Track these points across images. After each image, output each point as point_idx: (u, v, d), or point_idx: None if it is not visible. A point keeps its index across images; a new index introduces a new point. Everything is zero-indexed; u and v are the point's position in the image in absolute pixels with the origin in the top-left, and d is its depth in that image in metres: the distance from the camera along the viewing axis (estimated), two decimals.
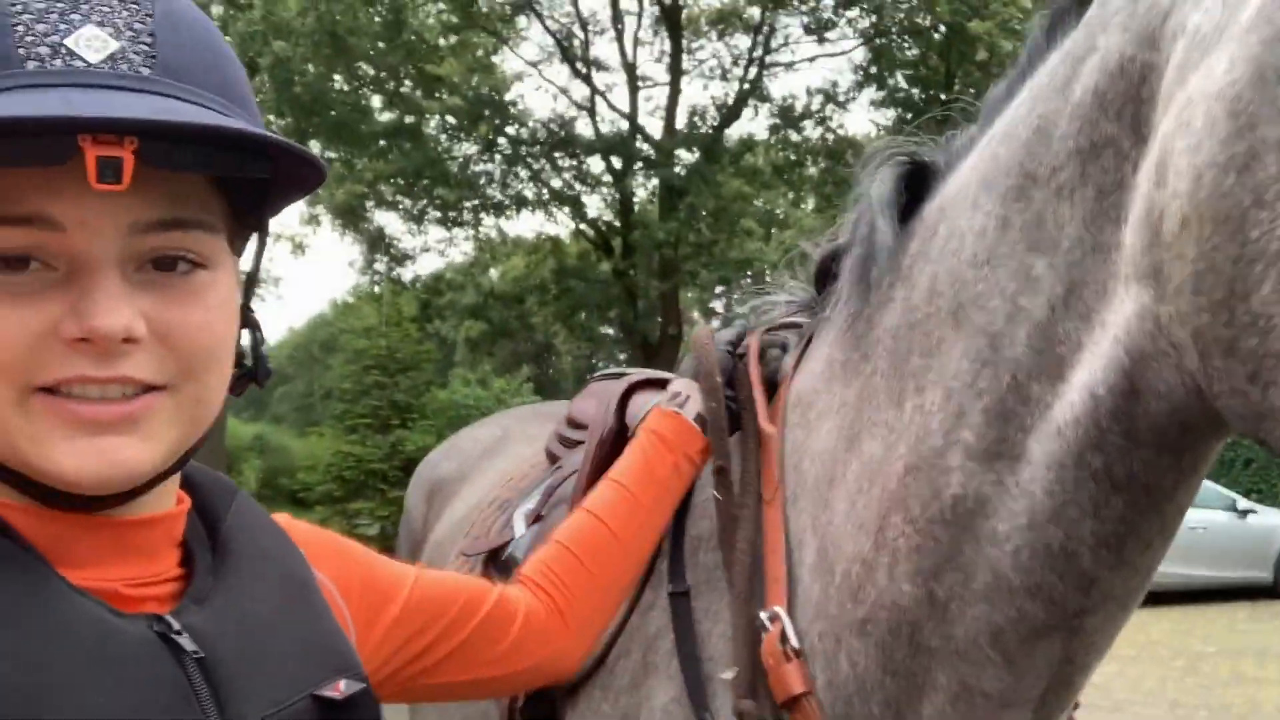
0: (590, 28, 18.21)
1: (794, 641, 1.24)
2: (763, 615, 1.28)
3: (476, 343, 22.33)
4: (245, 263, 0.93)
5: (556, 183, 18.43)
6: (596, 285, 18.68)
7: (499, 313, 20.62)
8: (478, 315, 21.01)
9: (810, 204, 22.77)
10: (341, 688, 0.84)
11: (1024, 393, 1.07)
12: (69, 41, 0.72)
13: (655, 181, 17.78)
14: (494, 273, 22.37)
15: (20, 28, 0.72)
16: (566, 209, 18.56)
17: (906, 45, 18.07)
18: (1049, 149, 1.07)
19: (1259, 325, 0.84)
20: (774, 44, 18.25)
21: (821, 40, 18.04)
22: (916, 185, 1.31)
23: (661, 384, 1.75)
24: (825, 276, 1.50)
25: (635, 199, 18.38)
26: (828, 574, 1.25)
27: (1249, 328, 0.85)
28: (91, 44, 0.73)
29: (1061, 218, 1.05)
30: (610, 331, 24.47)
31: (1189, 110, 0.90)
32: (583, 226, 19.01)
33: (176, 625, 0.78)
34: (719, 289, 26.89)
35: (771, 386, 1.48)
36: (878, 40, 17.86)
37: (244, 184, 0.80)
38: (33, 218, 0.72)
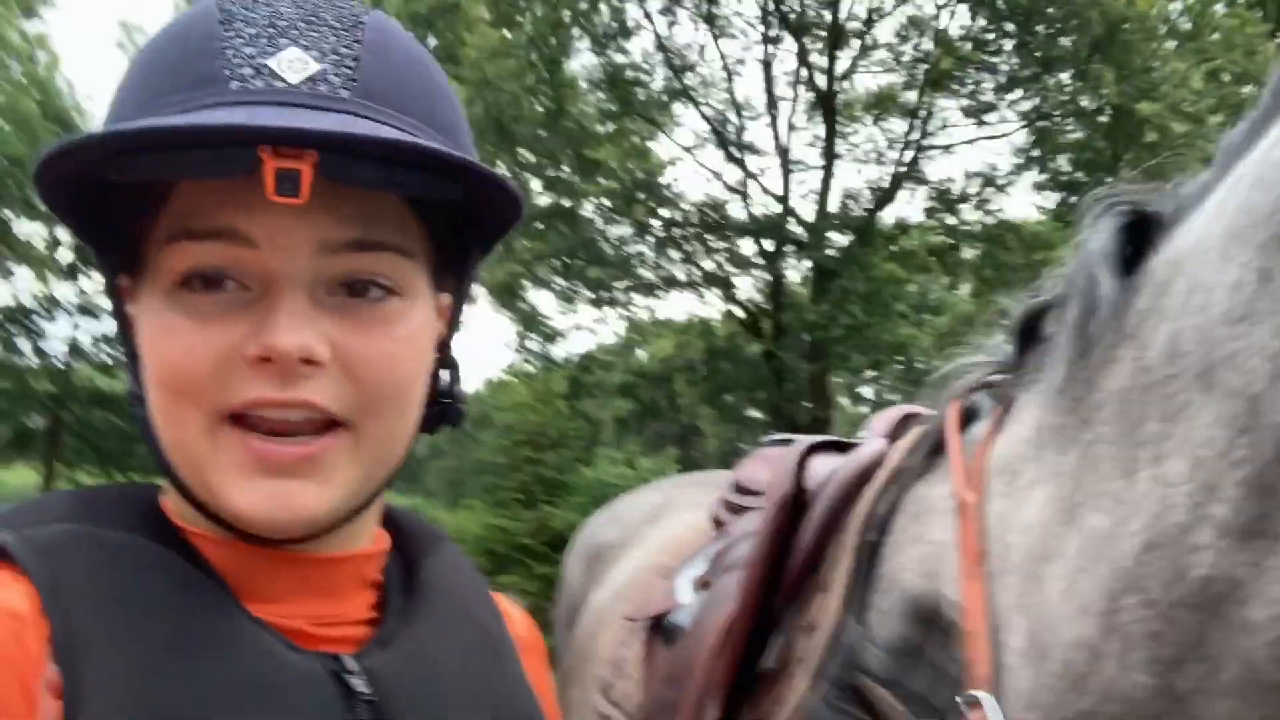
0: (745, 113, 18.42)
1: None
2: (958, 699, 1.17)
3: (624, 421, 22.46)
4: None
5: (708, 264, 18.55)
6: (745, 366, 18.60)
7: (647, 392, 20.73)
8: (626, 394, 21.17)
9: (967, 288, 22.21)
10: None
11: None
12: (271, 62, 0.73)
13: (807, 264, 17.69)
14: (642, 353, 22.58)
15: (229, 51, 0.73)
16: (717, 290, 18.63)
17: (1070, 128, 17.60)
18: None
19: None
20: (931, 127, 18.06)
21: (981, 123, 17.75)
22: (1140, 237, 1.21)
23: (841, 447, 1.67)
24: (1028, 336, 1.41)
25: (786, 280, 18.31)
26: (1041, 659, 1.14)
27: None
28: (293, 65, 0.73)
29: None
30: (757, 415, 24.27)
31: None
32: (732, 308, 19.03)
33: (353, 665, 0.76)
34: (869, 373, 26.40)
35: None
36: (1040, 123, 17.45)
37: (442, 211, 0.78)
38: (224, 232, 0.72)
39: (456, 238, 0.83)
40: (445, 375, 0.87)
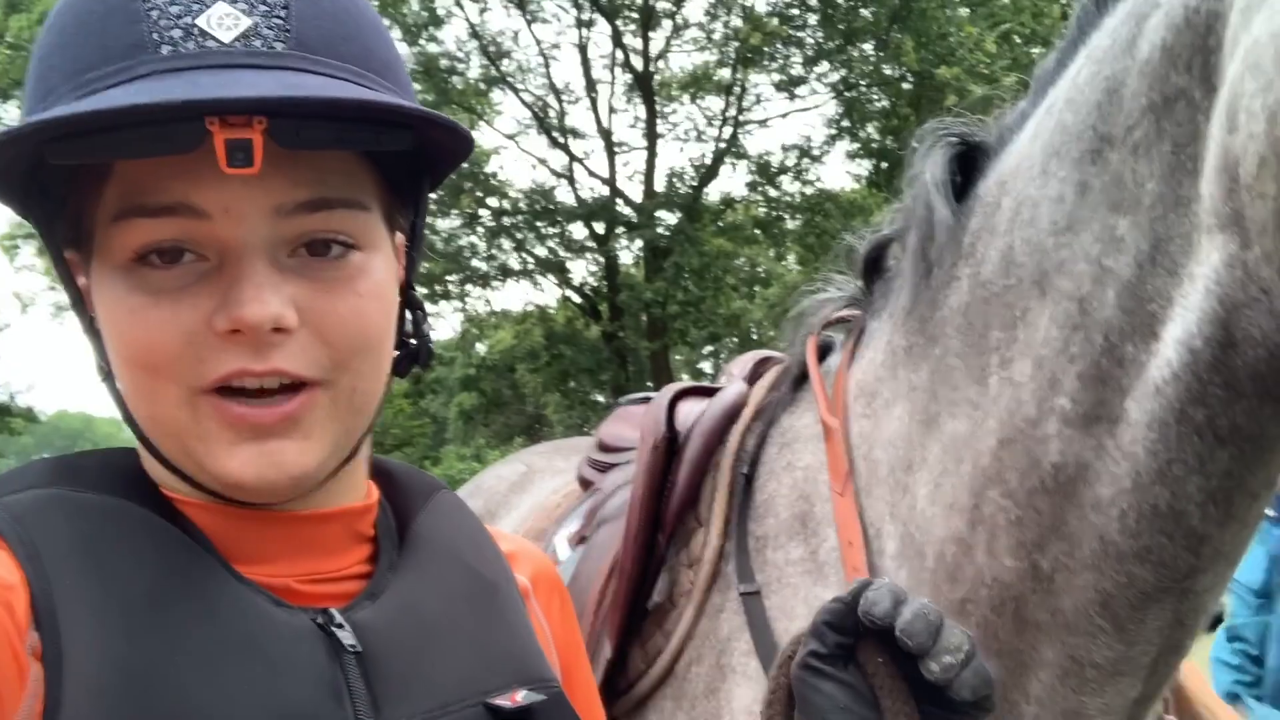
0: (564, 98, 18.46)
1: None
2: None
3: (470, 415, 22.21)
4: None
5: (541, 251, 18.54)
6: (586, 350, 18.69)
7: (490, 384, 20.58)
8: (469, 387, 20.95)
9: (792, 259, 22.94)
10: (518, 698, 0.79)
11: (1118, 354, 1.06)
12: (200, 21, 0.70)
13: (638, 243, 17.90)
14: (481, 347, 22.38)
15: (154, 12, 0.70)
16: (552, 276, 18.65)
17: (876, 97, 18.38)
18: (1121, 109, 1.07)
19: None
20: (746, 103, 18.53)
21: (793, 96, 18.33)
22: (968, 166, 1.30)
23: (706, 392, 1.72)
24: (873, 268, 1.49)
25: (620, 262, 18.49)
26: (916, 558, 1.22)
27: None
28: (223, 22, 0.70)
29: (1140, 175, 1.05)
30: (602, 398, 24.45)
31: (1256, 52, 0.90)
32: (569, 293, 19.09)
33: (339, 618, 0.75)
34: (707, 348, 26.94)
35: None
36: (847, 93, 18.15)
37: (393, 157, 0.77)
38: (176, 207, 0.70)
39: (407, 179, 0.81)
40: (410, 316, 0.85)
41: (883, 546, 1.27)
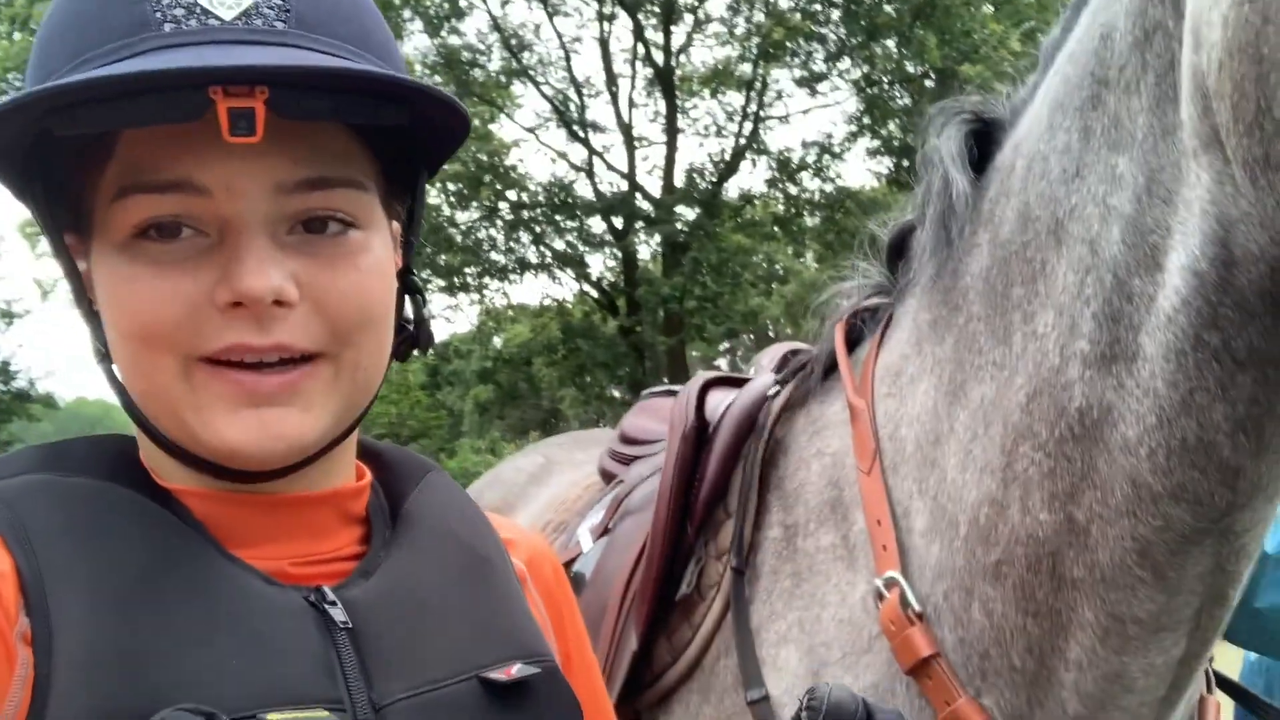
0: (585, 91, 18.44)
1: (915, 605, 1.19)
2: (878, 582, 1.23)
3: (485, 408, 22.26)
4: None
5: (559, 245, 18.53)
6: (603, 344, 18.68)
7: (506, 377, 20.60)
8: (486, 379, 20.98)
9: (811, 256, 22.86)
10: (512, 671, 0.79)
11: (1127, 289, 1.05)
12: (202, 0, 0.72)
13: (657, 239, 17.87)
14: (498, 340, 22.42)
15: None
16: (570, 270, 18.64)
17: (898, 94, 18.28)
18: (1113, 51, 1.09)
19: None
20: (767, 98, 18.47)
21: (814, 93, 18.26)
22: (984, 142, 1.30)
23: (736, 382, 1.70)
24: (897, 255, 1.48)
25: (638, 257, 18.46)
26: (949, 529, 1.20)
27: (1276, 135, 0.88)
28: (225, 1, 0.72)
29: (1133, 110, 1.07)
30: (618, 394, 24.46)
31: None
32: (586, 287, 19.08)
33: (331, 596, 0.75)
34: (724, 344, 26.90)
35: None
36: (869, 90, 18.07)
37: (390, 138, 0.78)
38: (179, 183, 0.71)
39: (404, 165, 0.83)
40: (409, 301, 0.87)
41: (911, 524, 1.25)
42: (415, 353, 0.90)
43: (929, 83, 17.42)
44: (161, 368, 0.72)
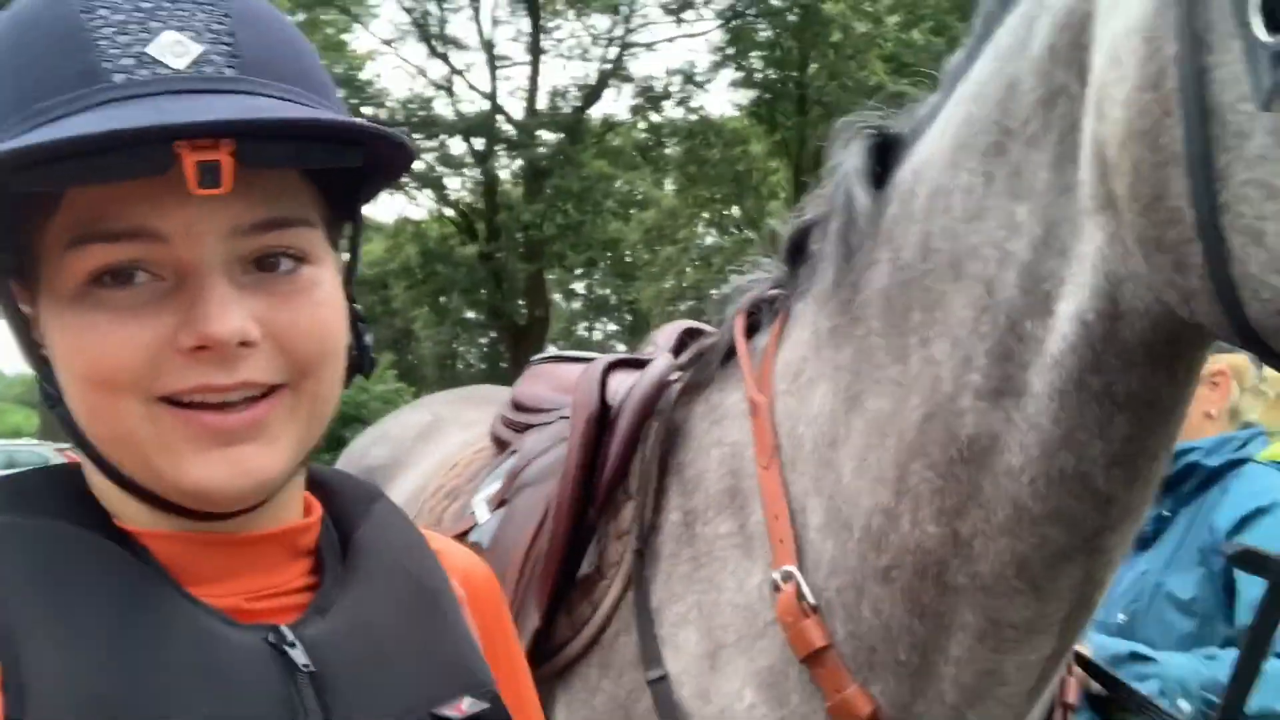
0: (445, 4, 17.85)
1: (810, 598, 1.27)
2: (775, 575, 1.31)
3: None
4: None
5: (417, 164, 18.06)
6: (461, 268, 18.43)
7: (360, 298, 20.09)
8: None
9: (670, 184, 22.97)
10: (464, 707, 0.81)
11: (1018, 330, 1.14)
12: (151, 50, 0.71)
13: (519, 163, 17.62)
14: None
15: (103, 42, 0.70)
16: (428, 191, 18.22)
17: (762, 27, 18.40)
18: (1018, 104, 1.15)
19: (1174, 218, 0.96)
20: (633, 24, 18.29)
21: (680, 21, 18.18)
22: (885, 156, 1.36)
23: (636, 364, 1.75)
24: (797, 253, 1.53)
25: (499, 181, 18.18)
26: (843, 530, 1.29)
27: (1168, 222, 0.96)
28: (174, 50, 0.71)
29: (1035, 164, 1.13)
30: (473, 315, 24.19)
31: (1115, 45, 1.01)
32: (445, 209, 18.71)
33: (290, 637, 0.76)
34: (580, 270, 26.88)
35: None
36: (734, 21, 18.11)
37: (335, 175, 0.78)
38: (136, 231, 0.71)
39: (345, 198, 0.83)
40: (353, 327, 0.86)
41: (808, 520, 1.32)
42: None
43: (792, 17, 17.58)
44: (125, 411, 0.72)
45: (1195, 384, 1.14)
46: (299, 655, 0.75)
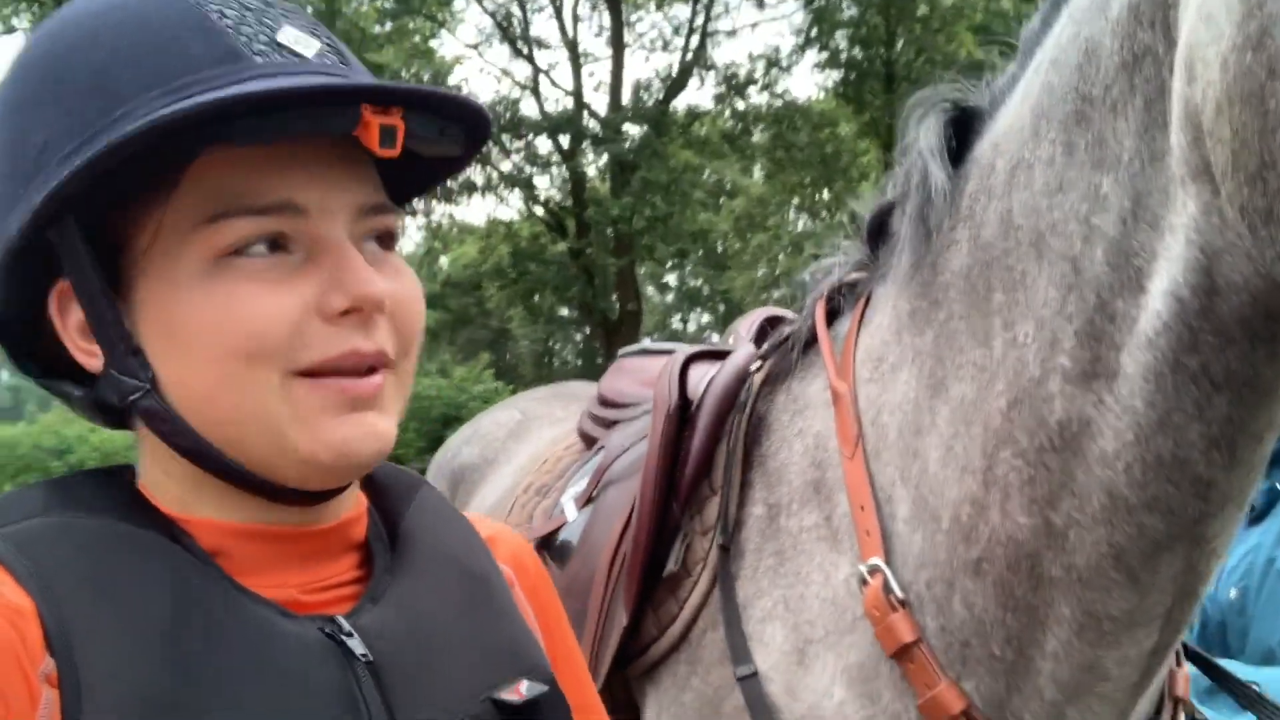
0: (528, 6, 18.02)
1: (897, 592, 1.24)
2: (862, 568, 1.27)
3: (435, 332, 22.14)
4: None
5: (505, 165, 18.29)
6: (552, 266, 18.60)
7: (455, 300, 20.49)
8: (434, 304, 20.83)
9: (758, 171, 22.79)
10: (522, 690, 0.82)
11: (1109, 310, 1.08)
12: (281, 39, 0.75)
13: (605, 158, 17.70)
14: (445, 260, 22.17)
15: (233, 30, 0.74)
16: (517, 191, 18.43)
17: (846, 5, 18.10)
18: (1099, 69, 1.09)
19: None
20: (714, 12, 18.19)
21: (761, 5, 18.03)
22: (963, 130, 1.31)
23: (716, 355, 1.73)
24: (878, 234, 1.49)
25: (586, 177, 18.29)
26: (931, 521, 1.25)
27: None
28: (300, 41, 0.76)
29: (1120, 132, 1.07)
30: (567, 313, 24.42)
31: (1207, 4, 0.94)
32: (534, 208, 18.90)
33: (347, 627, 0.77)
34: (672, 262, 26.88)
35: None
36: (816, 2, 17.86)
37: (399, 168, 0.82)
38: (281, 205, 0.74)
39: (398, 193, 0.85)
40: None
41: (894, 510, 1.29)
42: None
43: None
44: (260, 384, 0.73)
45: None
46: (356, 645, 0.76)
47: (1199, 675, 1.98)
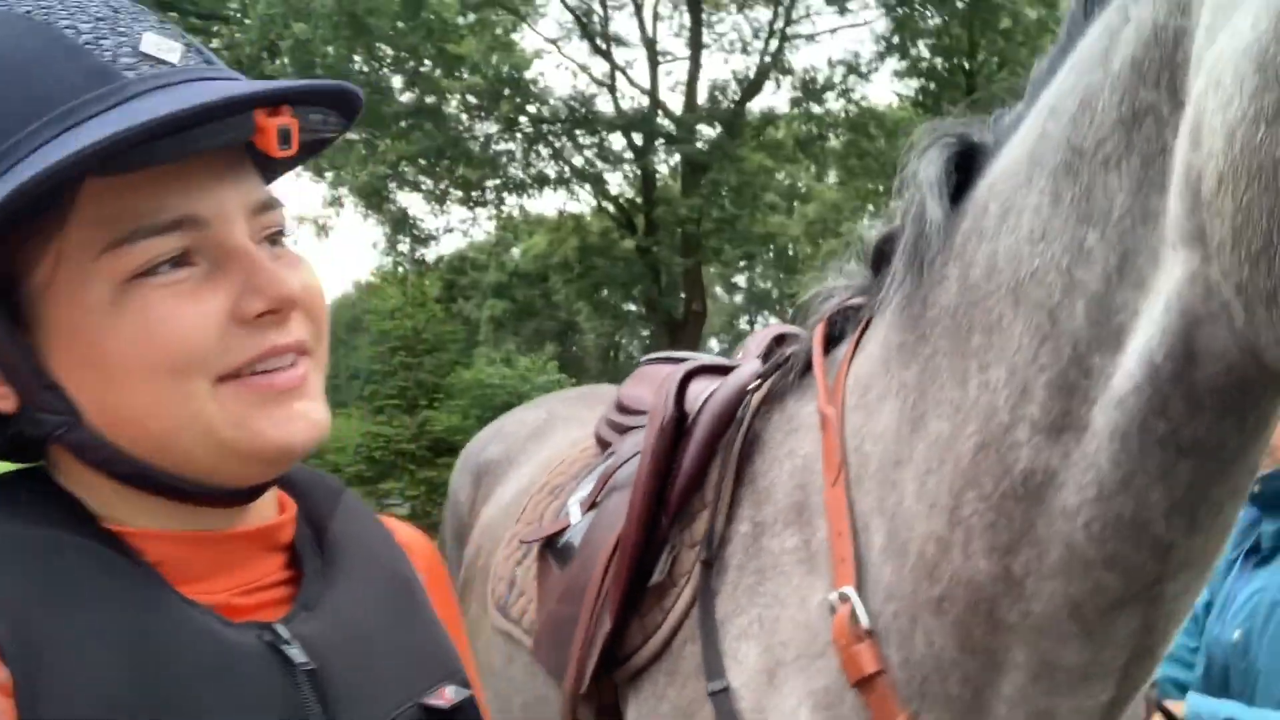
0: (609, 3, 18.08)
1: (864, 622, 1.25)
2: (831, 596, 1.29)
3: (501, 322, 22.36)
4: None
5: (578, 160, 18.37)
6: (620, 262, 18.66)
7: (523, 291, 20.66)
8: (501, 294, 21.06)
9: (833, 177, 22.59)
10: (448, 695, 0.84)
11: (1085, 364, 1.08)
12: (144, 49, 0.74)
13: (677, 157, 17.69)
14: (516, 251, 22.37)
15: (93, 47, 0.73)
16: (588, 186, 18.52)
17: (929, 14, 17.85)
18: (1093, 121, 1.08)
19: None
20: (795, 16, 18.07)
21: (843, 11, 17.85)
22: (967, 165, 1.31)
23: (720, 370, 1.75)
24: (881, 259, 1.50)
25: (657, 175, 18.31)
26: (900, 554, 1.25)
27: None
28: (162, 47, 0.75)
29: (1110, 188, 1.06)
30: (633, 308, 24.46)
31: (1219, 69, 0.91)
32: (605, 204, 18.98)
33: (286, 635, 0.78)
34: (741, 264, 26.79)
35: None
36: (899, 9, 17.64)
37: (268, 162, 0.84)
38: (182, 220, 0.74)
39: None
40: None
41: (870, 540, 1.30)
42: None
43: (960, 3, 16.98)
44: (192, 395, 0.74)
45: (1267, 434, 1.05)
46: (297, 654, 0.77)
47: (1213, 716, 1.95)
